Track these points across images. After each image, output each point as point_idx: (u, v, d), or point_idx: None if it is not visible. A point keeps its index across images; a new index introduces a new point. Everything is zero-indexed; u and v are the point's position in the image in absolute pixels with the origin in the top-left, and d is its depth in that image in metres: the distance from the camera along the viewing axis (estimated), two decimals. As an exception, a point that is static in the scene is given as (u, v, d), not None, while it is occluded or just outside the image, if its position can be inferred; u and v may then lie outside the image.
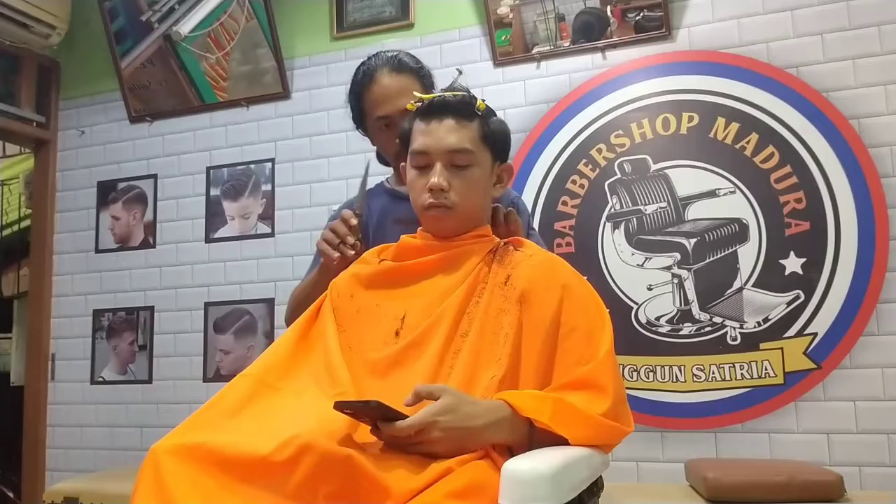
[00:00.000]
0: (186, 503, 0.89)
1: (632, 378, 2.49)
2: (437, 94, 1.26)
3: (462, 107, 1.24)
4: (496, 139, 1.27)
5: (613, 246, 2.59)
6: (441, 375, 1.09)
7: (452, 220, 1.24)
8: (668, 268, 2.52)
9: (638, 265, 2.55)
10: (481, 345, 1.12)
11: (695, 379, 2.44)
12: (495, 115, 1.30)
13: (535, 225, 2.68)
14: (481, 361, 1.11)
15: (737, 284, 2.44)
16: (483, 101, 1.27)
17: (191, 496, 0.90)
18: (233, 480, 0.91)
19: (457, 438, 0.98)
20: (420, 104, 1.26)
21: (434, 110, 1.24)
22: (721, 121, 2.53)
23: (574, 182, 2.67)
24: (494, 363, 1.10)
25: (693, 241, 2.50)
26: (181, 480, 0.92)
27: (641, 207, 2.57)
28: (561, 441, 1.04)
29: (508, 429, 1.03)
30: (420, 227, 1.30)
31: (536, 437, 1.05)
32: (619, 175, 2.62)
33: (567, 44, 2.71)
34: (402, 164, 1.31)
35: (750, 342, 2.41)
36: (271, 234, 3.06)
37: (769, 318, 2.40)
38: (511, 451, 1.04)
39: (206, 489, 0.91)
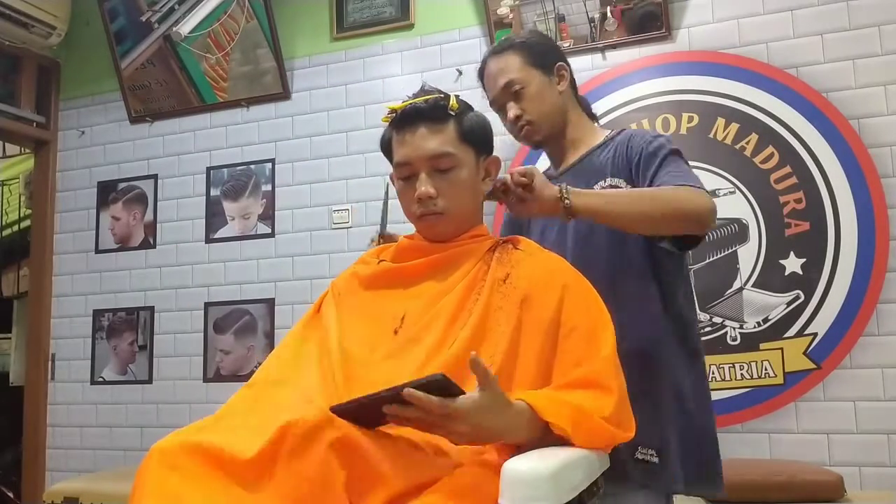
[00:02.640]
0: (189, 496, 0.90)
1: (632, 378, 2.48)
2: (409, 102, 1.24)
3: (434, 111, 1.22)
4: (475, 135, 1.25)
5: (613, 246, 2.58)
6: (430, 368, 1.08)
7: (446, 224, 1.23)
8: (668, 268, 2.51)
9: (638, 265, 2.55)
10: (479, 340, 1.12)
11: (695, 379, 2.44)
12: (472, 109, 1.28)
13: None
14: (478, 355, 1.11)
15: (737, 284, 2.44)
16: (457, 97, 1.25)
17: (193, 489, 0.90)
18: (230, 478, 0.91)
19: (479, 436, 0.98)
20: (393, 115, 1.25)
21: (407, 120, 1.23)
22: (721, 121, 2.53)
23: (574, 182, 2.66)
24: (488, 359, 1.10)
25: (693, 241, 2.50)
26: (183, 475, 0.92)
27: (641, 208, 2.57)
28: (564, 440, 1.04)
29: (526, 431, 1.02)
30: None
31: (548, 436, 1.05)
32: (619, 175, 2.62)
33: (567, 44, 2.71)
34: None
35: (750, 342, 2.41)
36: (271, 235, 3.06)
37: (769, 318, 2.40)
38: (517, 450, 1.04)
39: (207, 484, 0.91)
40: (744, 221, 2.47)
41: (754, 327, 2.41)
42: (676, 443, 1.35)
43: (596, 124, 1.58)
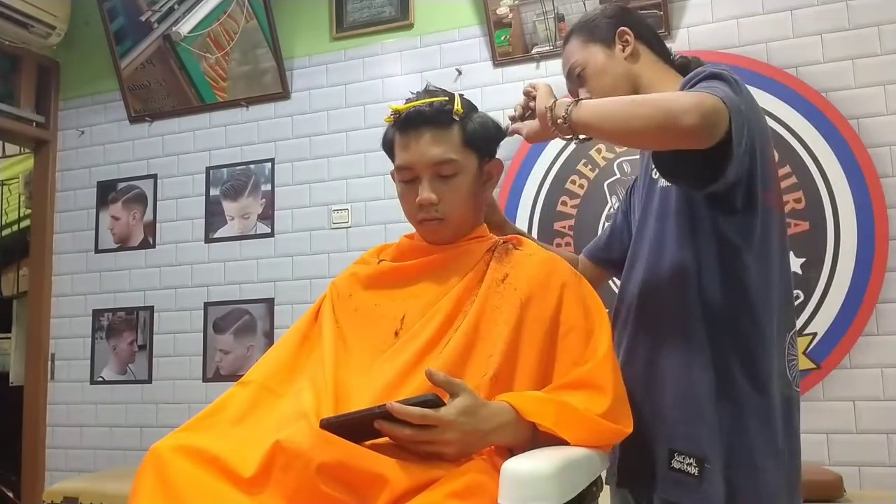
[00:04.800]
0: (191, 496, 0.90)
1: (631, 378, 2.48)
2: (412, 105, 1.21)
3: (438, 115, 1.20)
4: (479, 139, 1.24)
5: (613, 246, 2.58)
6: (422, 369, 1.08)
7: (447, 230, 1.23)
8: (668, 268, 2.51)
9: (637, 265, 2.55)
10: (473, 339, 1.12)
11: (694, 379, 2.44)
12: (476, 110, 1.27)
13: (535, 224, 2.69)
14: (473, 356, 1.10)
15: (736, 284, 2.44)
16: (461, 97, 1.24)
17: (195, 491, 0.91)
18: (234, 487, 0.92)
19: (468, 443, 0.98)
20: (396, 116, 1.23)
21: (410, 123, 1.21)
22: (720, 121, 2.53)
23: (573, 182, 2.67)
24: (485, 359, 1.10)
25: (692, 241, 2.50)
26: (185, 476, 0.92)
27: (641, 207, 2.57)
28: (562, 441, 1.04)
29: (512, 432, 1.03)
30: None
31: (539, 437, 1.05)
32: (618, 175, 2.62)
33: (567, 44, 2.71)
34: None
35: (749, 342, 2.40)
36: (271, 234, 3.06)
37: (769, 317, 2.40)
38: (511, 452, 1.04)
39: (209, 488, 0.91)
40: (743, 221, 2.46)
41: (754, 327, 2.41)
42: (720, 455, 1.15)
43: (673, 70, 1.37)
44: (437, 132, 1.20)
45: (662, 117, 1.04)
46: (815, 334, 2.35)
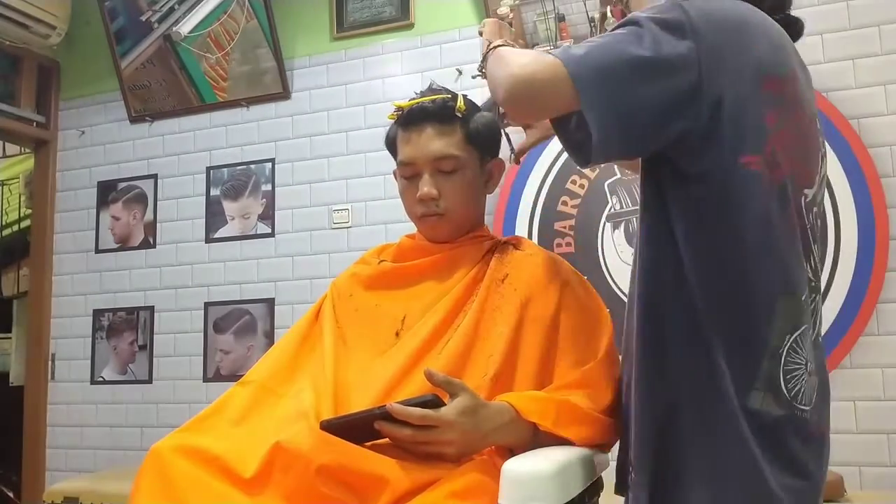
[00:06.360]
0: (191, 497, 0.90)
1: (632, 378, 2.48)
2: (416, 101, 1.24)
3: (441, 112, 1.22)
4: (481, 138, 1.25)
5: (613, 246, 2.59)
6: (421, 369, 1.09)
7: (447, 226, 1.24)
8: (668, 268, 2.51)
9: (638, 265, 2.54)
10: (473, 339, 1.12)
11: (695, 379, 2.43)
12: (479, 110, 1.28)
13: (535, 224, 2.69)
14: (473, 356, 1.11)
15: (736, 284, 2.44)
16: (465, 97, 1.25)
17: (195, 491, 0.91)
18: (234, 487, 0.92)
19: (468, 442, 0.98)
20: (400, 112, 1.25)
21: (413, 119, 1.23)
22: (721, 121, 2.52)
23: (574, 182, 2.67)
24: (485, 360, 1.10)
25: (693, 241, 2.49)
26: (185, 476, 0.93)
27: (641, 207, 2.57)
28: (562, 440, 1.04)
29: (513, 432, 1.03)
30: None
31: (541, 436, 1.05)
32: (618, 175, 2.62)
33: (567, 44, 2.71)
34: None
35: (750, 342, 2.40)
36: (271, 234, 3.06)
37: (769, 318, 2.39)
38: (512, 452, 1.04)
39: (209, 488, 0.92)
40: (744, 221, 2.46)
41: (754, 327, 2.40)
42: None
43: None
44: (439, 128, 1.21)
45: (492, 87, 0.99)
46: (815, 334, 2.35)
